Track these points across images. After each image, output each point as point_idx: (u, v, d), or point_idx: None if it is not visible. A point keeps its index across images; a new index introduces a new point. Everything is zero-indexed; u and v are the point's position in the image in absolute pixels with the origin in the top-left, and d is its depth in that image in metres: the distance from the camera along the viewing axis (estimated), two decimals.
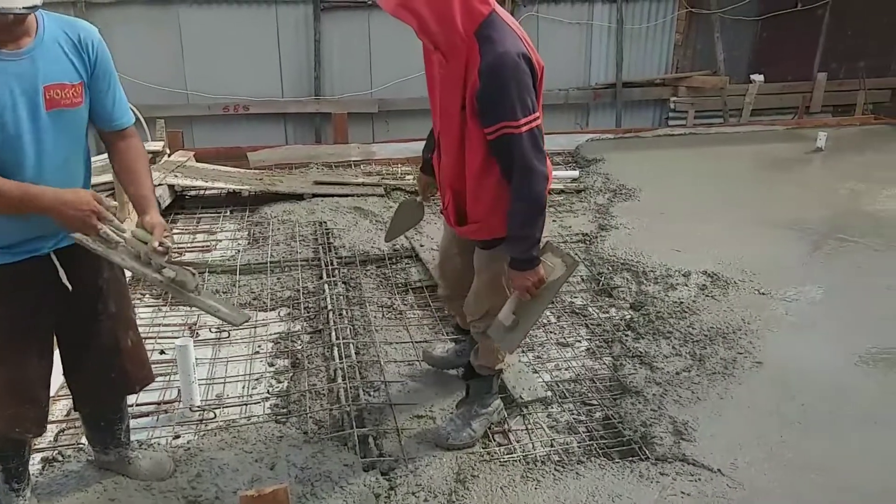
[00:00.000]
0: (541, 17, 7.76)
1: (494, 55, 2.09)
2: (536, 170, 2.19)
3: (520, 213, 2.26)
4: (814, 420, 2.84)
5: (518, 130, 2.14)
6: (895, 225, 4.95)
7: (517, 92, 2.11)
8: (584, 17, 7.92)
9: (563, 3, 7.80)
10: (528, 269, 2.32)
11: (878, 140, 7.40)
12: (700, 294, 3.92)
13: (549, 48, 7.89)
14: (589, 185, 5.88)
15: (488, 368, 2.71)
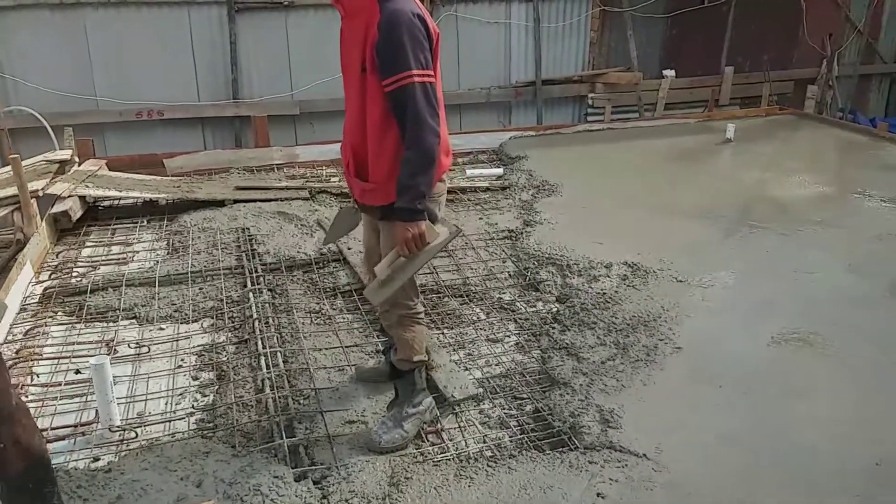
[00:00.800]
0: (460, 17, 7.81)
1: (391, 11, 2.29)
2: (427, 121, 2.31)
3: (409, 161, 2.35)
4: (731, 401, 2.97)
5: (411, 80, 2.28)
6: (800, 210, 5.23)
7: (411, 45, 2.27)
8: (502, 16, 8.02)
9: (481, 3, 7.88)
10: (410, 221, 2.38)
11: (783, 129, 7.80)
12: (622, 284, 4.03)
13: (470, 48, 7.99)
14: (513, 182, 5.96)
15: (408, 362, 2.72)
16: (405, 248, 2.41)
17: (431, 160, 2.36)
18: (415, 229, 2.39)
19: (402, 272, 2.48)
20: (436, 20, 7.60)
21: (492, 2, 7.91)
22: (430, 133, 2.33)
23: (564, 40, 8.41)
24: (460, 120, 8.22)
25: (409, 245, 2.40)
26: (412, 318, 2.70)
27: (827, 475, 2.52)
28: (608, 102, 8.56)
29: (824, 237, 4.75)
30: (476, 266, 4.38)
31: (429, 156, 2.34)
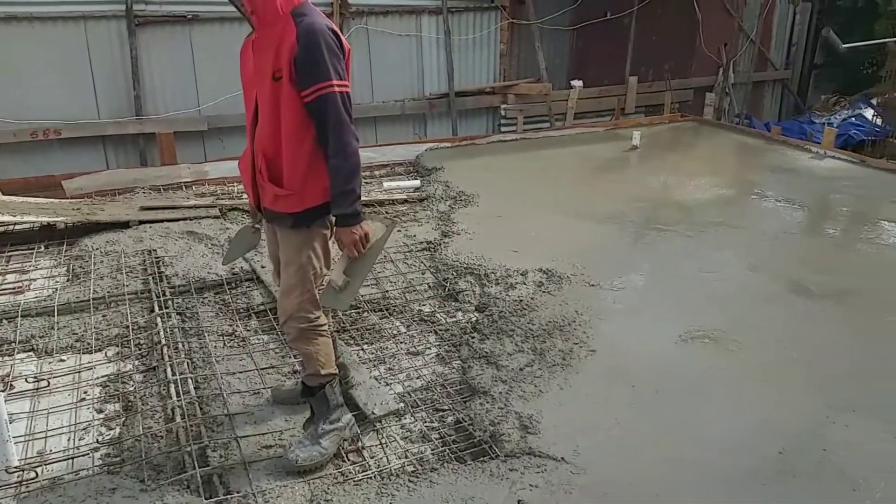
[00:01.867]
0: (370, 30, 7.81)
1: (308, 24, 2.37)
2: (349, 125, 2.42)
3: (339, 168, 2.43)
4: (644, 400, 3.07)
5: (332, 89, 2.37)
6: (703, 212, 5.48)
7: (329, 56, 2.37)
8: (413, 28, 8.07)
9: (392, 16, 7.90)
10: (354, 224, 2.49)
11: (685, 135, 8.18)
12: (537, 291, 4.10)
13: (382, 60, 8.00)
14: (431, 194, 5.98)
15: (317, 377, 2.68)
16: (354, 250, 2.52)
17: (357, 163, 2.46)
18: (359, 231, 2.51)
19: (357, 273, 2.59)
20: (346, 33, 7.58)
21: (402, 14, 7.95)
22: (354, 137, 2.44)
23: (475, 52, 8.55)
24: (376, 132, 8.21)
25: (358, 246, 2.52)
26: (314, 331, 2.66)
27: (735, 467, 2.64)
28: (520, 113, 8.74)
29: (726, 238, 4.99)
30: (395, 279, 4.36)
31: (354, 158, 2.44)
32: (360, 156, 2.48)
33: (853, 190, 6.13)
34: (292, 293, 2.59)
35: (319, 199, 2.50)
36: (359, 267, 2.60)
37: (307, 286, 2.58)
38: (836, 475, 2.59)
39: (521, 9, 8.50)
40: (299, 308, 2.59)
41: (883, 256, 4.69)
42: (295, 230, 2.56)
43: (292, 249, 2.58)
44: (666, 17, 9.54)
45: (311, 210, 2.51)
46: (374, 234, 2.60)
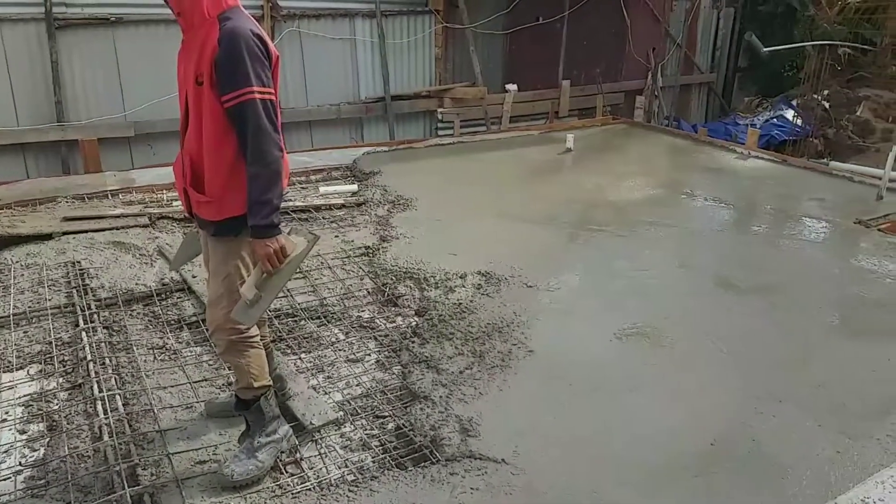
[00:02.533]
0: (303, 34, 7.71)
1: (230, 28, 2.30)
2: (271, 135, 2.34)
3: (257, 177, 2.33)
4: (580, 397, 3.12)
5: (253, 96, 2.29)
6: (634, 212, 5.62)
7: (251, 61, 2.29)
8: (347, 32, 8.02)
9: (325, 19, 7.83)
10: (269, 237, 2.38)
11: (617, 138, 8.38)
12: (476, 293, 4.12)
13: (316, 64, 7.91)
14: (368, 198, 5.94)
15: (249, 390, 2.62)
16: (268, 264, 2.40)
17: (278, 173, 2.37)
18: (275, 244, 2.39)
19: (269, 290, 2.47)
20: (278, 37, 7.47)
21: (335, 18, 7.88)
22: (275, 146, 2.34)
23: (411, 56, 8.55)
24: (311, 137, 8.11)
25: (272, 260, 2.40)
26: (245, 343, 2.59)
27: (667, 460, 2.71)
28: (457, 117, 8.79)
29: (657, 236, 5.13)
30: (333, 285, 4.31)
31: (274, 167, 2.35)
32: (282, 166, 2.39)
33: (775, 188, 6.40)
34: (220, 304, 2.52)
35: (241, 210, 2.40)
36: (272, 282, 2.46)
37: (235, 296, 2.50)
38: (766, 464, 2.68)
39: (455, 13, 8.56)
40: (227, 319, 2.51)
41: (804, 252, 4.91)
42: (220, 239, 2.50)
43: (219, 258, 2.52)
44: (596, 22, 9.76)
45: (233, 219, 2.43)
46: (294, 249, 2.48)
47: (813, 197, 6.13)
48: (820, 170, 7.09)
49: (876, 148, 9.34)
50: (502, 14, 9.02)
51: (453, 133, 8.65)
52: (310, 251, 2.57)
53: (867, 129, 9.73)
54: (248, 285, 2.44)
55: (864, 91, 10.33)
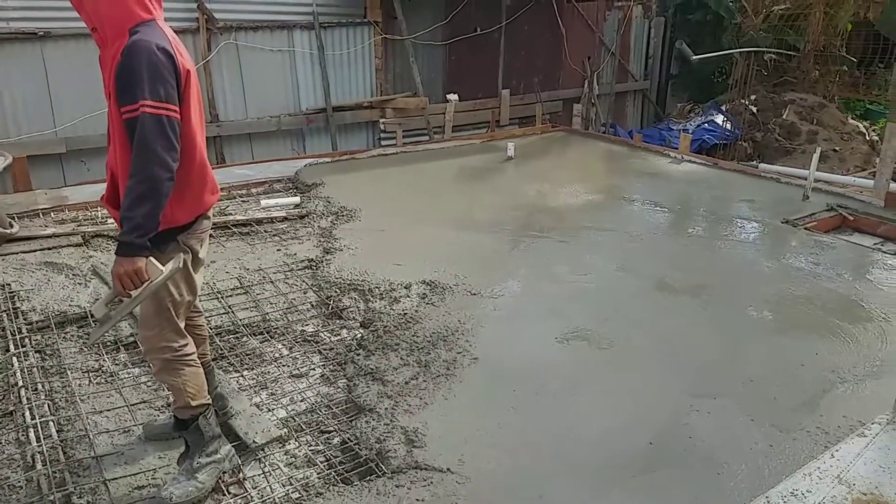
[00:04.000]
0: (241, 46, 7.61)
1: (134, 41, 2.25)
2: (156, 153, 2.21)
3: (130, 191, 2.22)
4: (524, 403, 3.16)
5: (144, 110, 2.21)
6: (573, 218, 5.74)
7: (148, 75, 2.22)
8: (286, 44, 7.95)
9: (262, 31, 7.74)
10: (126, 256, 2.22)
11: (556, 145, 8.55)
12: (421, 303, 4.14)
13: (255, 76, 7.82)
14: (311, 210, 5.90)
15: (187, 409, 2.57)
16: (119, 284, 2.23)
17: (154, 192, 2.21)
18: (129, 265, 2.21)
19: (121, 309, 2.34)
20: (215, 49, 7.35)
21: (273, 30, 7.80)
22: (158, 166, 2.21)
23: (351, 67, 8.53)
24: (252, 149, 7.99)
25: (124, 282, 2.22)
26: (180, 361, 2.53)
27: (608, 461, 2.77)
28: (399, 127, 8.80)
29: (596, 241, 5.25)
30: (276, 300, 4.26)
31: (151, 187, 2.20)
32: (162, 187, 2.22)
33: (708, 191, 6.64)
34: (150, 323, 2.46)
35: (165, 224, 2.33)
36: (122, 304, 2.31)
37: (165, 314, 2.45)
38: (702, 461, 2.77)
39: (394, 24, 8.59)
40: (160, 338, 2.47)
41: (735, 252, 5.10)
42: None
43: None
44: (533, 32, 9.95)
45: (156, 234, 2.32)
46: (155, 274, 2.27)
47: (743, 198, 6.38)
48: (749, 172, 7.38)
49: (802, 150, 9.76)
50: (441, 25, 9.10)
51: (396, 143, 8.67)
52: (168, 278, 2.37)
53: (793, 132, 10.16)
54: (99, 303, 2.35)
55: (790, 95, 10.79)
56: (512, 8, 9.62)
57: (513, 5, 9.62)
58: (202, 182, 2.50)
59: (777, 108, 10.47)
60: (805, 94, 10.88)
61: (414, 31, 8.74)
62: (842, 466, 2.19)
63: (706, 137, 9.90)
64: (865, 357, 3.56)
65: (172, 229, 2.42)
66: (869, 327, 3.88)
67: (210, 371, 2.88)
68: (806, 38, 11.12)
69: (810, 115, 10.44)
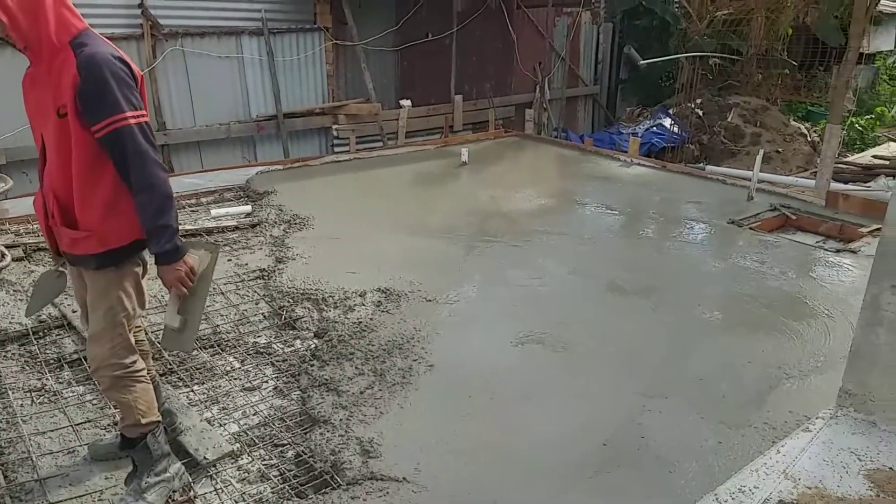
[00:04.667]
0: (187, 52, 7.47)
1: (89, 55, 2.19)
2: (150, 156, 2.27)
3: (149, 204, 2.29)
4: (479, 408, 3.17)
5: (127, 122, 2.21)
6: (526, 222, 5.79)
7: (118, 87, 2.20)
8: (234, 50, 7.83)
9: (210, 37, 7.62)
10: (175, 261, 2.35)
11: (510, 150, 8.61)
12: (376, 311, 4.11)
13: (203, 83, 7.69)
14: (263, 219, 5.81)
15: (136, 427, 2.51)
16: (181, 287, 2.39)
17: (168, 194, 2.31)
18: (184, 266, 2.37)
19: (192, 311, 2.46)
20: (161, 55, 7.20)
21: (220, 36, 7.69)
22: (160, 169, 2.29)
23: (302, 73, 8.45)
24: (201, 158, 7.85)
25: (185, 283, 2.39)
26: (130, 378, 2.47)
27: (564, 463, 2.79)
28: (352, 133, 8.76)
29: (549, 244, 5.30)
30: (227, 312, 4.18)
31: (163, 190, 2.29)
32: (170, 186, 2.33)
33: (657, 193, 6.77)
34: (102, 338, 2.40)
35: (126, 239, 2.35)
36: (192, 303, 2.48)
37: (118, 330, 2.40)
38: (654, 460, 2.82)
39: (345, 30, 8.55)
40: (111, 354, 2.40)
41: (684, 252, 5.21)
42: (101, 271, 2.38)
43: (100, 291, 2.40)
44: (484, 38, 10.02)
45: (116, 250, 2.34)
46: (200, 265, 2.47)
47: (691, 200, 6.52)
48: (697, 174, 7.56)
49: (746, 151, 10.06)
50: (392, 30, 9.09)
51: (349, 150, 8.62)
52: (216, 261, 2.55)
53: (738, 134, 10.47)
54: (170, 314, 2.44)
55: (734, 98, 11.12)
56: (463, 14, 9.67)
57: (464, 11, 9.67)
58: None
59: (722, 111, 10.77)
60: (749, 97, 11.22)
61: (365, 36, 8.72)
62: (787, 461, 2.25)
63: (655, 141, 10.11)
64: (810, 353, 3.67)
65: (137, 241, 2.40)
66: (813, 324, 4.00)
67: (157, 386, 2.80)
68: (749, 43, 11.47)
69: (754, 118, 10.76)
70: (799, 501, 2.06)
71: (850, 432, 2.41)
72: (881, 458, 2.26)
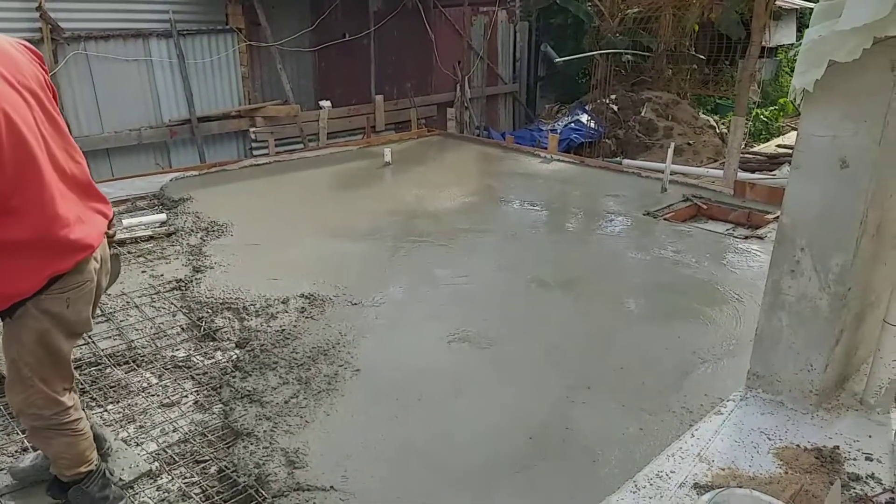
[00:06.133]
0: (91, 56, 7.14)
1: None
2: None
3: None
4: (407, 411, 3.15)
5: None
6: (451, 221, 5.81)
7: None
8: (142, 53, 7.54)
9: (115, 40, 7.30)
10: None
11: (433, 149, 8.62)
12: (300, 317, 4.04)
13: (110, 88, 7.37)
14: (179, 227, 5.61)
15: (68, 476, 2.36)
16: None
17: None
18: None
19: None
20: (63, 59, 6.86)
21: (126, 39, 7.38)
22: None
23: (215, 76, 8.21)
24: (111, 165, 7.53)
25: None
26: (52, 429, 2.26)
27: (491, 461, 2.81)
28: (271, 135, 8.58)
29: (474, 242, 5.34)
30: (142, 326, 4.01)
31: None
32: None
33: (577, 188, 6.93)
34: (14, 389, 2.20)
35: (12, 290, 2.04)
36: None
37: (28, 383, 2.17)
38: (579, 451, 2.87)
39: (258, 31, 8.36)
40: (27, 404, 2.20)
41: (603, 244, 5.35)
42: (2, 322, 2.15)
43: (2, 343, 2.22)
44: (402, 37, 10.00)
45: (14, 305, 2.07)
46: None
47: (609, 193, 6.70)
48: (614, 168, 7.78)
49: (660, 144, 10.43)
50: (308, 31, 8.95)
51: (268, 153, 8.44)
52: None
53: (651, 128, 10.84)
54: None
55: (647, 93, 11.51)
56: (380, 14, 9.62)
57: (381, 11, 9.63)
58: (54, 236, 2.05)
59: (636, 105, 11.13)
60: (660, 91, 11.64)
61: (280, 37, 8.55)
62: (701, 444, 2.34)
63: (573, 136, 10.34)
64: (722, 337, 3.83)
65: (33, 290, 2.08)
66: (725, 309, 4.18)
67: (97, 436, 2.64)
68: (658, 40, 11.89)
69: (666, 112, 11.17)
70: (713, 483, 2.14)
71: (759, 413, 2.52)
72: (788, 437, 2.38)
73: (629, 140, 10.61)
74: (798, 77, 2.23)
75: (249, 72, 8.46)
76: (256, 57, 8.53)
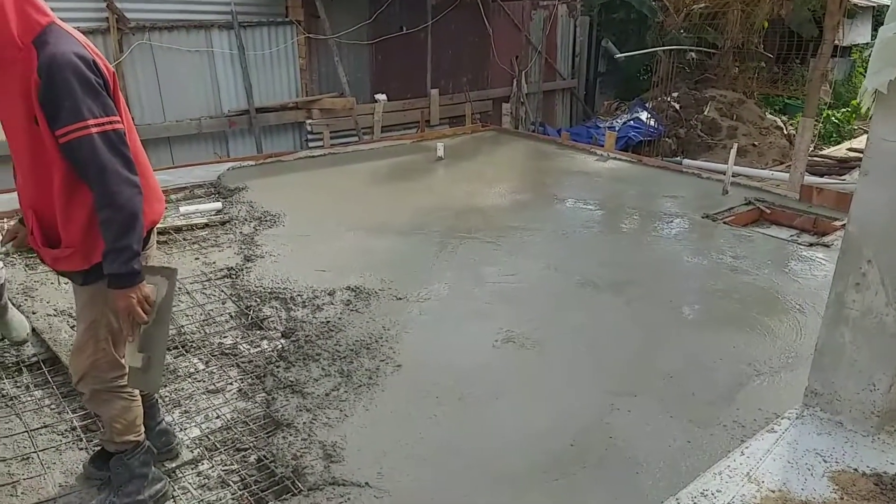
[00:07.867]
0: (155, 46, 7.33)
1: (49, 55, 1.98)
2: (117, 172, 2.04)
3: (109, 223, 2.06)
4: (447, 410, 3.11)
5: (87, 132, 2.00)
6: (501, 218, 5.74)
7: (82, 91, 1.99)
8: (204, 44, 7.69)
9: (178, 31, 7.47)
10: (130, 286, 2.11)
11: (486, 144, 8.55)
12: (345, 310, 4.04)
13: (173, 78, 7.55)
14: (234, 216, 5.71)
15: (112, 443, 2.42)
16: (132, 316, 2.14)
17: (133, 214, 2.08)
18: (138, 293, 2.13)
19: (154, 344, 2.25)
20: (128, 49, 7.05)
21: (189, 29, 7.54)
22: (125, 184, 2.05)
23: (274, 68, 8.33)
24: (171, 154, 7.72)
25: (138, 314, 2.14)
26: (110, 393, 2.35)
27: (530, 465, 2.74)
28: (326, 128, 8.65)
29: (523, 241, 5.25)
30: (192, 312, 4.09)
31: (128, 210, 2.06)
32: (137, 203, 2.09)
33: (633, 187, 6.75)
34: (84, 352, 2.29)
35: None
36: (153, 337, 2.24)
37: (101, 345, 2.27)
38: (622, 460, 2.78)
39: (317, 23, 8.43)
40: (92, 367, 2.29)
41: (658, 247, 5.19)
42: (87, 286, 2.24)
43: (83, 305, 2.28)
44: (459, 31, 9.94)
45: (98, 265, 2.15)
46: (157, 293, 2.21)
47: (666, 194, 6.51)
48: (672, 168, 7.56)
49: (723, 145, 10.10)
50: (365, 24, 8.98)
51: (323, 144, 8.52)
52: (175, 286, 2.31)
53: (714, 128, 10.49)
54: (129, 353, 2.25)
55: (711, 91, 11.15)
56: (438, 7, 9.58)
57: (438, 5, 9.58)
58: (148, 190, 2.24)
59: (699, 104, 10.79)
60: (725, 90, 11.26)
61: (338, 30, 8.61)
62: (751, 464, 2.22)
63: (632, 134, 10.10)
64: (781, 349, 3.65)
65: None
66: (785, 319, 3.99)
67: (152, 405, 2.70)
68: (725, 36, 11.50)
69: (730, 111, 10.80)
70: None
71: (815, 433, 2.38)
72: (846, 460, 2.24)
73: (690, 139, 10.30)
74: (871, 77, 2.08)
75: (307, 64, 8.55)
76: (314, 49, 8.60)
